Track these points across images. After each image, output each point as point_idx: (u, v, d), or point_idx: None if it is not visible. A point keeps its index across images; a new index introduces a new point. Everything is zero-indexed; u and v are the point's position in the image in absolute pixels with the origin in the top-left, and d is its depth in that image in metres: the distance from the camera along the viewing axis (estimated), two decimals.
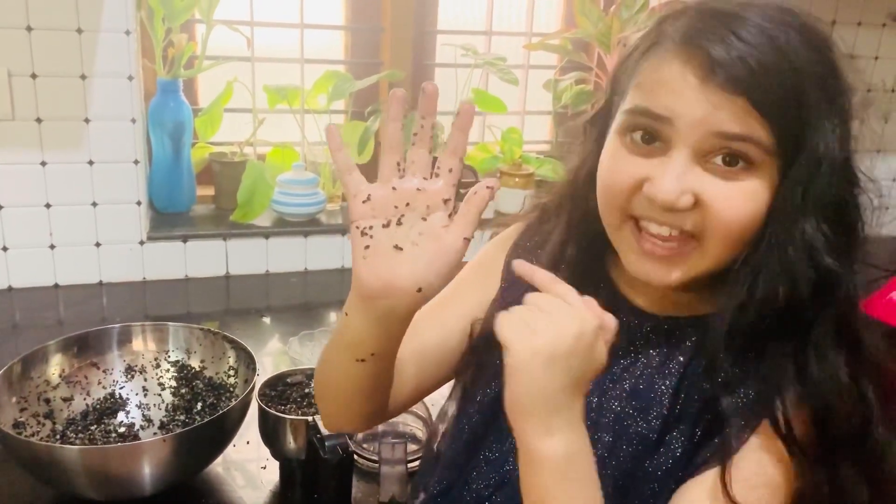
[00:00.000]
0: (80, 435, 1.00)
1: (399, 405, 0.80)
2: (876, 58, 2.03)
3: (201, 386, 1.08)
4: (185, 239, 1.60)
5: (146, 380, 1.10)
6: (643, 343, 0.73)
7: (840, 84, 0.64)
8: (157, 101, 1.58)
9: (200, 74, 1.66)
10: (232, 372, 1.08)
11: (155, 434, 1.03)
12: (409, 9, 1.83)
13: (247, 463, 1.05)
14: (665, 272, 0.66)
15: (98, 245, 1.55)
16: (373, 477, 1.00)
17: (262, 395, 0.99)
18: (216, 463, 1.01)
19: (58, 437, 0.99)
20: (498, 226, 0.90)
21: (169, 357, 1.12)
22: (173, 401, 1.08)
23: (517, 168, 1.86)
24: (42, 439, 0.96)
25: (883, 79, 2.04)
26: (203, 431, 0.91)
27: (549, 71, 1.99)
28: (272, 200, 1.66)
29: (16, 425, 0.96)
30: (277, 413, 0.95)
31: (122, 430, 1.02)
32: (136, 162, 1.52)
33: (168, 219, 1.64)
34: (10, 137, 1.43)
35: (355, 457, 1.01)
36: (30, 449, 0.88)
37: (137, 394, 1.09)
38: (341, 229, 1.71)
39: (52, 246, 1.52)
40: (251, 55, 1.71)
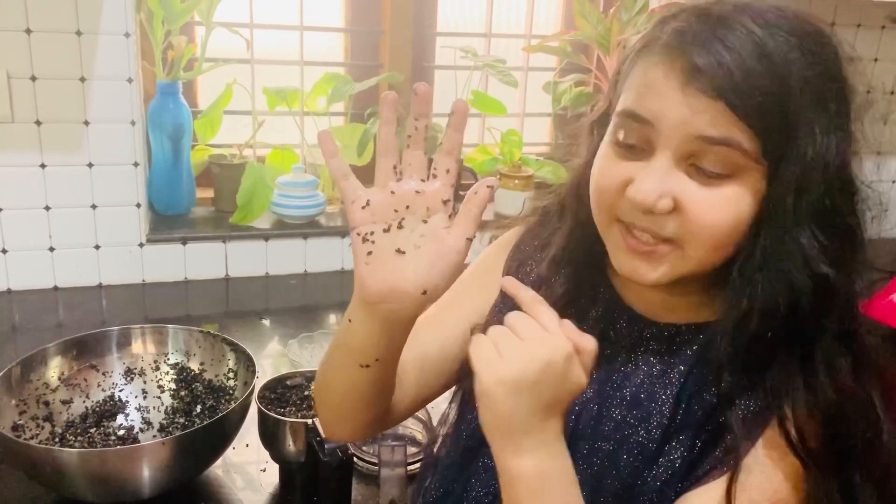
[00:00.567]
0: (80, 438, 0.99)
1: (400, 413, 0.80)
2: (875, 59, 2.03)
3: (201, 388, 1.08)
4: (185, 241, 1.60)
5: (145, 382, 1.10)
6: (644, 350, 0.72)
7: (837, 88, 0.62)
8: (157, 104, 1.58)
9: (200, 76, 1.66)
10: (231, 374, 1.08)
11: (154, 437, 1.03)
12: (409, 11, 1.83)
13: (246, 465, 1.05)
14: (649, 269, 0.66)
15: (97, 247, 1.55)
16: (372, 480, 1.00)
17: (262, 398, 0.99)
18: (216, 465, 1.01)
19: (57, 440, 0.98)
20: (498, 228, 0.90)
21: (168, 359, 1.11)
22: (173, 403, 1.08)
23: (517, 170, 1.86)
24: (41, 442, 0.96)
25: (882, 81, 2.04)
26: (202, 434, 0.91)
27: (549, 73, 1.99)
28: (271, 203, 1.66)
29: (15, 428, 0.95)
30: (277, 416, 0.95)
31: (122, 433, 1.02)
32: (136, 164, 1.52)
33: (167, 221, 1.64)
34: (10, 140, 1.43)
35: (355, 459, 1.00)
36: (29, 452, 0.87)
37: (137, 396, 1.09)
38: (341, 231, 1.71)
39: (52, 248, 1.52)
40: (251, 57, 1.71)
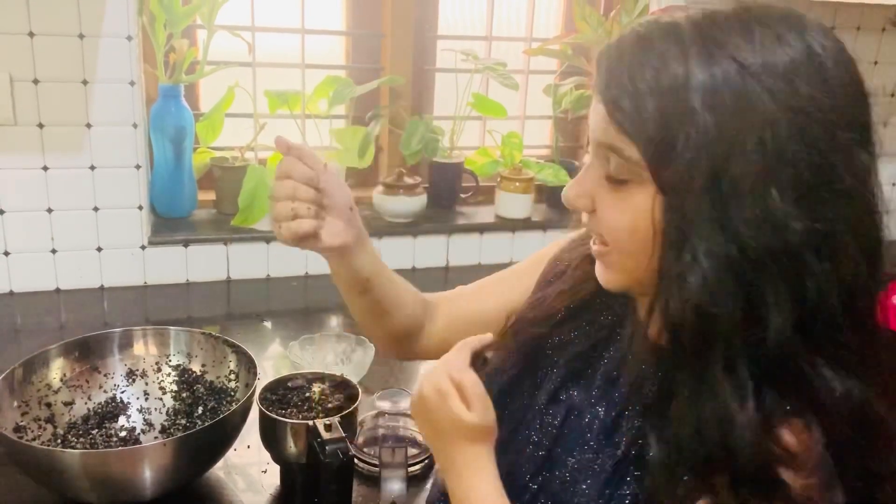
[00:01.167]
0: (82, 439, 1.00)
1: (428, 349, 0.95)
2: (875, 62, 2.03)
3: (202, 390, 1.08)
4: (187, 243, 1.61)
5: (147, 384, 1.10)
6: (628, 364, 0.72)
7: (739, 98, 0.56)
8: (159, 106, 1.59)
9: (202, 79, 1.66)
10: (233, 376, 1.08)
11: (156, 438, 1.03)
12: (410, 14, 1.83)
13: (247, 467, 1.05)
14: (601, 271, 0.69)
15: (99, 249, 1.55)
16: (373, 481, 1.00)
17: (263, 399, 0.99)
18: (217, 467, 1.01)
19: (59, 442, 0.99)
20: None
21: (170, 361, 1.12)
22: (174, 405, 1.08)
23: (517, 173, 1.87)
24: (43, 443, 0.96)
25: (883, 83, 2.05)
26: (204, 435, 0.92)
27: (549, 76, 2.00)
28: None
29: (17, 429, 0.96)
30: (278, 417, 0.95)
31: (124, 435, 1.03)
32: (138, 167, 1.52)
33: (169, 223, 1.65)
34: (12, 142, 1.43)
35: (356, 461, 1.01)
36: (31, 453, 0.88)
37: (138, 398, 1.09)
38: None
39: (54, 250, 1.52)
40: (252, 60, 1.71)
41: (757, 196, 0.56)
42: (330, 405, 0.99)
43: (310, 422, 0.92)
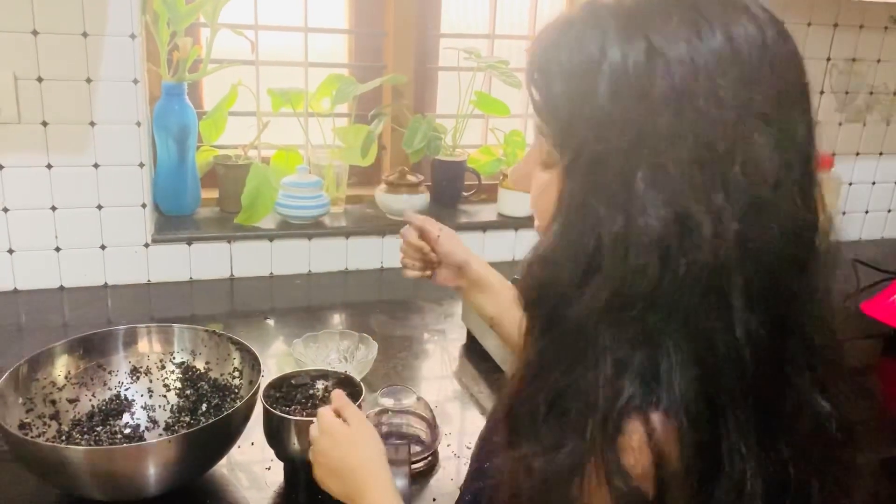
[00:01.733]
0: (86, 436, 1.00)
1: None
2: (878, 60, 2.03)
3: (206, 387, 1.09)
4: (190, 241, 1.61)
5: (151, 381, 1.10)
6: None
7: (638, 80, 0.54)
8: (162, 105, 1.59)
9: (205, 78, 1.67)
10: (237, 373, 1.09)
11: (160, 435, 1.03)
12: (412, 12, 1.83)
13: (251, 464, 1.05)
14: None
15: (103, 247, 1.55)
16: None
17: (267, 397, 0.99)
18: (220, 464, 1.01)
19: (63, 438, 0.99)
20: None
21: (174, 358, 1.12)
22: (178, 402, 1.08)
23: None
24: (48, 440, 0.97)
25: (885, 82, 2.04)
26: (208, 432, 0.92)
27: None
28: (276, 203, 1.67)
29: (22, 426, 0.96)
30: (282, 414, 0.95)
31: (128, 432, 1.03)
32: (142, 165, 1.53)
33: (173, 221, 1.65)
34: (16, 140, 1.43)
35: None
36: (36, 450, 0.88)
37: (143, 395, 1.09)
38: (345, 232, 1.72)
39: (58, 248, 1.53)
40: (255, 59, 1.72)
41: (623, 180, 0.54)
42: None
43: (314, 419, 0.92)
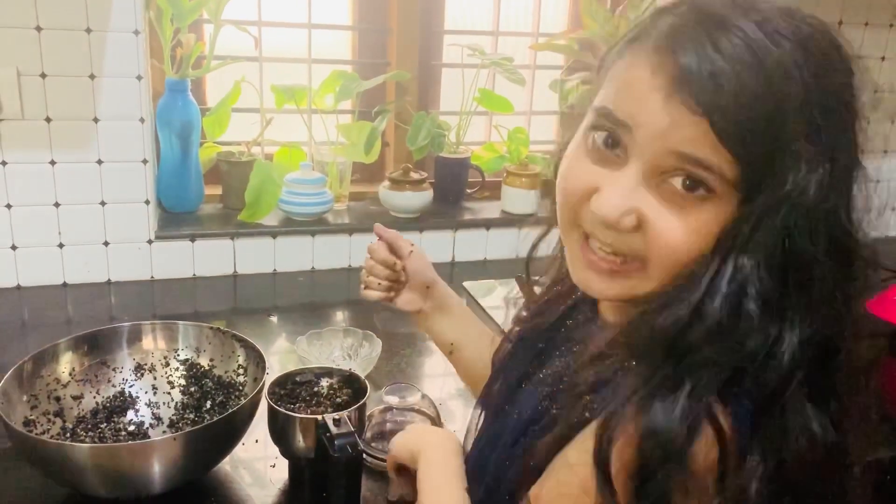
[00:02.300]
0: (90, 433, 1.00)
1: None
2: (883, 58, 2.03)
3: (210, 384, 1.08)
4: (193, 238, 1.61)
5: (155, 378, 1.10)
6: (579, 350, 0.73)
7: (842, 117, 0.56)
8: (166, 101, 1.59)
9: (208, 74, 1.67)
10: (241, 370, 1.08)
11: (164, 432, 1.03)
12: (416, 9, 1.83)
13: (255, 461, 1.05)
14: (605, 286, 0.64)
15: (106, 244, 1.55)
16: (382, 476, 1.00)
17: (272, 394, 0.99)
18: (224, 461, 1.01)
19: (68, 435, 0.99)
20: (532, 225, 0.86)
21: (178, 355, 1.12)
22: (182, 399, 1.08)
23: (523, 168, 1.86)
24: (52, 437, 0.97)
25: (890, 80, 2.04)
26: (213, 430, 0.92)
27: (556, 71, 1.99)
28: (279, 200, 1.67)
29: (26, 423, 0.96)
30: (287, 412, 0.95)
31: (132, 429, 1.03)
32: (145, 161, 1.53)
33: (176, 218, 1.65)
34: (20, 137, 1.43)
35: (364, 456, 1.01)
36: (40, 447, 0.88)
37: (147, 392, 1.09)
38: (348, 229, 1.72)
39: (61, 245, 1.52)
40: (259, 55, 1.71)
41: (827, 215, 0.55)
42: (338, 400, 0.99)
43: (318, 416, 0.92)
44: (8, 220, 1.47)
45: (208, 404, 1.06)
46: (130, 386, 1.09)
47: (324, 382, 1.04)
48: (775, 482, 0.55)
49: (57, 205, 1.50)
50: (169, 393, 1.09)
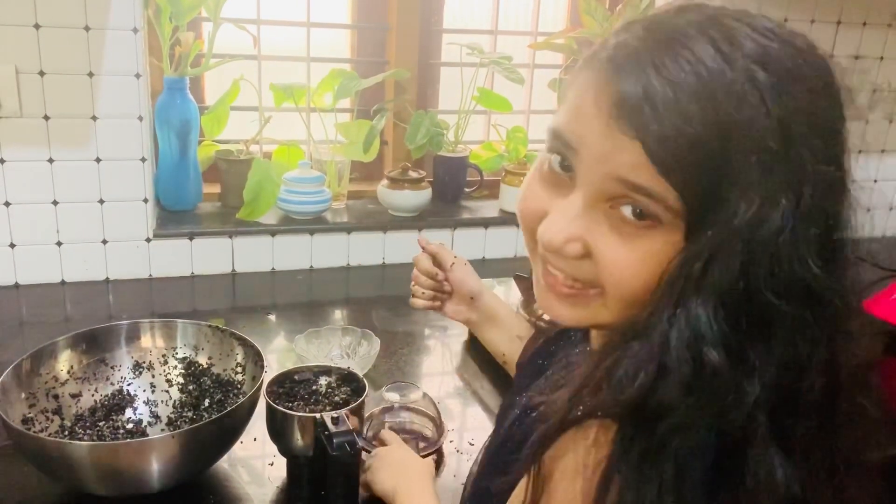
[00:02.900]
0: (88, 431, 1.00)
1: None
2: (881, 58, 2.03)
3: (209, 382, 1.09)
4: (192, 236, 1.61)
5: (154, 376, 1.10)
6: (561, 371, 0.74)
7: (815, 145, 0.50)
8: (164, 99, 1.58)
9: (207, 72, 1.66)
10: (239, 369, 1.08)
11: (162, 431, 1.03)
12: (415, 8, 1.83)
13: (253, 459, 1.05)
14: (566, 311, 0.61)
15: (105, 242, 1.55)
16: None
17: (270, 392, 0.99)
18: (223, 460, 1.01)
19: (66, 434, 0.99)
20: None
21: (177, 354, 1.12)
22: (181, 397, 1.08)
23: (522, 167, 1.86)
24: (50, 435, 0.97)
25: (889, 79, 2.04)
26: (211, 428, 0.92)
27: (555, 70, 1.99)
28: (278, 198, 1.67)
29: (25, 421, 0.96)
30: (285, 410, 0.95)
31: (130, 427, 1.03)
32: (143, 159, 1.52)
33: (174, 216, 1.65)
34: (18, 134, 1.43)
35: (363, 454, 1.01)
36: (38, 445, 0.88)
37: (145, 390, 1.09)
38: (346, 227, 1.72)
39: (59, 243, 1.52)
40: (258, 53, 1.71)
41: (788, 253, 0.50)
42: (337, 398, 1.00)
43: (317, 415, 0.92)
44: (6, 218, 1.47)
45: (207, 402, 1.06)
46: (129, 384, 1.09)
47: (322, 381, 1.04)
48: None
49: (55, 203, 1.49)
50: (167, 391, 1.09)
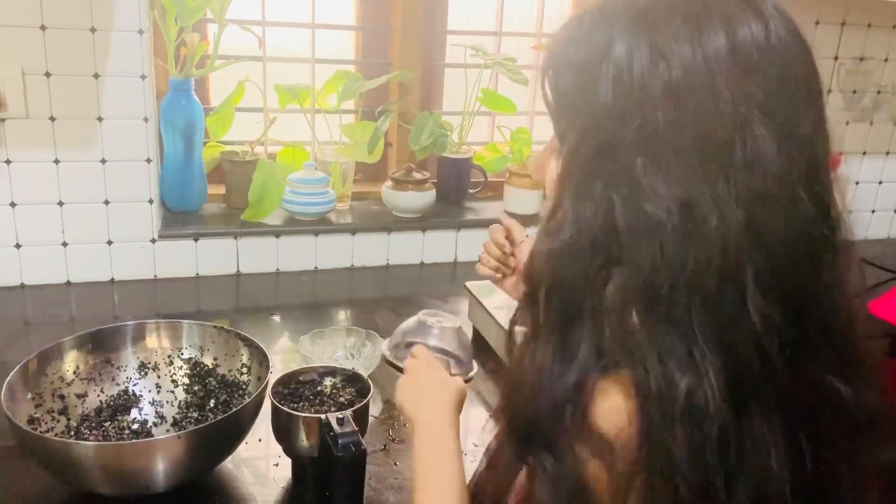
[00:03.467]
0: (94, 431, 1.00)
1: None
2: (886, 59, 2.03)
3: (214, 383, 1.09)
4: (197, 237, 1.61)
5: (159, 377, 1.11)
6: None
7: (641, 75, 0.56)
8: (169, 100, 1.59)
9: (212, 74, 1.67)
10: (245, 369, 1.09)
11: (168, 431, 1.03)
12: (419, 9, 1.83)
13: (258, 460, 1.05)
14: None
15: (110, 243, 1.56)
16: (388, 465, 1.01)
17: (275, 393, 1.00)
18: (227, 460, 1.01)
19: (72, 434, 0.99)
20: None
21: (182, 354, 1.12)
22: (186, 398, 1.09)
23: (526, 168, 1.87)
24: (56, 435, 0.97)
25: (893, 81, 2.04)
26: (216, 428, 0.92)
27: None
28: (283, 199, 1.67)
29: (31, 421, 0.96)
30: (290, 411, 0.95)
31: (136, 427, 1.03)
32: (149, 160, 1.53)
33: (179, 217, 1.65)
34: (24, 135, 1.44)
35: (368, 455, 1.01)
36: (44, 445, 0.88)
37: (150, 391, 1.10)
38: (351, 229, 1.72)
39: (65, 244, 1.53)
40: (262, 55, 1.72)
41: (627, 170, 0.55)
42: (342, 399, 1.00)
43: (322, 415, 0.92)
44: (12, 219, 1.48)
45: (212, 403, 1.07)
46: (134, 384, 1.09)
47: (327, 381, 1.04)
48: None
49: (61, 203, 1.50)
50: (173, 392, 1.10)
